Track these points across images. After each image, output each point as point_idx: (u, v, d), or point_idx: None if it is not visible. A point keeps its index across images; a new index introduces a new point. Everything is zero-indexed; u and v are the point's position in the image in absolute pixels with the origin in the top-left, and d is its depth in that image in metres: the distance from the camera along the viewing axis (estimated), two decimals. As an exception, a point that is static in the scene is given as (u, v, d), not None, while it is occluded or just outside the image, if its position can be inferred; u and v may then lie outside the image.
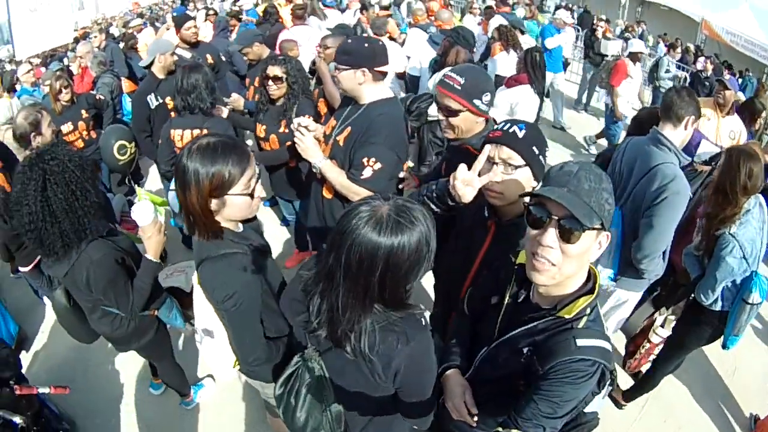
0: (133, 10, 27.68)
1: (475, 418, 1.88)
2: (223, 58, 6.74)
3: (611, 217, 1.61)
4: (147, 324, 3.19)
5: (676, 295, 3.98)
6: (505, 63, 7.02)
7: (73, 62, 8.82)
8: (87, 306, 2.94)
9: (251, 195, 2.04)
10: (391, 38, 7.46)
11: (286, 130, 4.02)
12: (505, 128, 2.06)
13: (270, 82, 4.02)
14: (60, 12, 8.87)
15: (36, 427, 3.31)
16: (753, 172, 3.08)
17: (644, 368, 4.05)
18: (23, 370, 3.46)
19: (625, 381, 4.17)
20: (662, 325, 3.78)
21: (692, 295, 3.44)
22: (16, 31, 8.65)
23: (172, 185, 3.45)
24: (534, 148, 2.00)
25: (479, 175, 2.04)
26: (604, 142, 8.50)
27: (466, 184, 2.05)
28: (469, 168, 2.05)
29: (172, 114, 4.51)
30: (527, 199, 1.64)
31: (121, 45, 9.67)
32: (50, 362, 4.55)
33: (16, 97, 7.81)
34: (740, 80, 14.21)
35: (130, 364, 4.53)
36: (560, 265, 1.56)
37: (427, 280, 3.42)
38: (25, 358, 4.67)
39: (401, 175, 3.21)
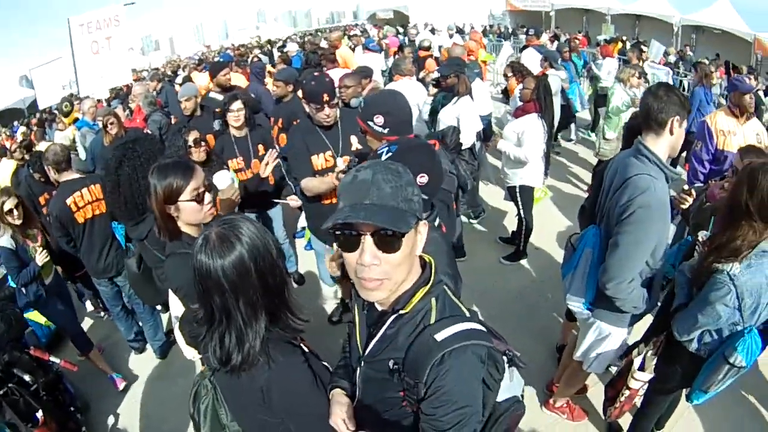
0: (204, 53, 29.22)
1: None
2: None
3: (421, 204, 1.52)
4: None
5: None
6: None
7: (132, 101, 9.52)
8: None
9: (198, 201, 2.50)
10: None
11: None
12: (378, 150, 2.23)
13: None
14: (119, 56, 9.65)
15: (49, 396, 3.87)
16: None
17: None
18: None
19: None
20: (641, 368, 2.94)
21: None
22: (80, 71, 9.57)
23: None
24: None
25: None
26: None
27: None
28: None
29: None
30: (329, 225, 1.45)
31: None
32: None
33: (76, 127, 8.58)
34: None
35: (145, 366, 5.17)
36: (390, 275, 1.45)
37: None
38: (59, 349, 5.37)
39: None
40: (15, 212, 4.32)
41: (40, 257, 4.42)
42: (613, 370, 3.60)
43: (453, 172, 3.40)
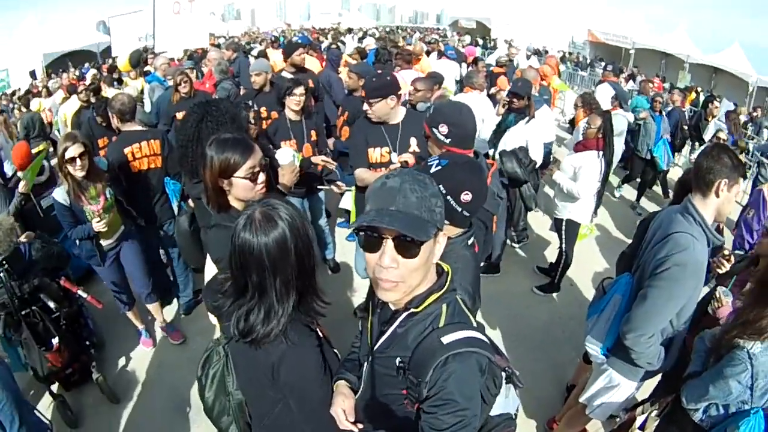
0: (284, 31, 29.62)
1: (360, 425, 1.82)
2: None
3: (443, 216, 1.58)
4: None
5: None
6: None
7: (205, 66, 9.80)
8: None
9: (252, 180, 2.49)
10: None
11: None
12: (428, 162, 2.24)
13: None
14: (199, 20, 9.93)
15: (68, 326, 4.03)
16: None
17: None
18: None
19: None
20: (642, 427, 2.99)
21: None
22: (159, 28, 9.89)
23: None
24: (441, 186, 1.92)
25: None
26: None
27: None
28: None
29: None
30: (355, 226, 1.54)
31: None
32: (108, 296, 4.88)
33: (146, 80, 8.89)
34: None
35: (168, 319, 5.30)
36: (405, 279, 1.52)
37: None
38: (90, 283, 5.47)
39: None
40: (78, 162, 3.82)
41: (97, 225, 4.02)
42: (618, 420, 3.51)
43: (501, 196, 3.39)
